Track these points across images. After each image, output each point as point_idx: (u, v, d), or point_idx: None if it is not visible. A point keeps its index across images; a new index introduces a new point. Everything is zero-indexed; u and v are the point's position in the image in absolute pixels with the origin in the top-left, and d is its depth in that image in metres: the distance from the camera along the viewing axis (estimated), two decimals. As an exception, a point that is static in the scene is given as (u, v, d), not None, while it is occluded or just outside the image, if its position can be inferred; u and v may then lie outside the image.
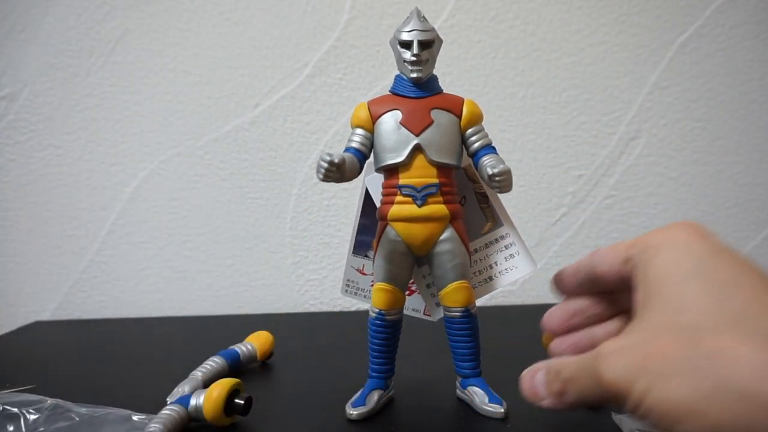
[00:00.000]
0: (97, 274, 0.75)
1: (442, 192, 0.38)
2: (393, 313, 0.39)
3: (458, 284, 0.38)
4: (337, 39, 0.72)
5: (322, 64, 0.73)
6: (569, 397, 0.27)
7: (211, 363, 0.45)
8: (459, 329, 0.39)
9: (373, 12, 0.72)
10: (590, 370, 0.25)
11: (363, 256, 0.43)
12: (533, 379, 0.29)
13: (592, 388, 0.25)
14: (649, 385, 0.23)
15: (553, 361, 0.29)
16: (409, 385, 0.44)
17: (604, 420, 0.37)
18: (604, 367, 0.25)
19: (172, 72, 0.73)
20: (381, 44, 0.72)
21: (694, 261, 0.25)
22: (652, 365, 0.23)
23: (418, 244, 0.38)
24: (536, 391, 0.29)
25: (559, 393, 0.27)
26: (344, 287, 0.44)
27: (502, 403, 0.38)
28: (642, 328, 0.25)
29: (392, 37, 0.39)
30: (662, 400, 0.22)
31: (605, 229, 0.75)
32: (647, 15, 0.74)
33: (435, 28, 0.38)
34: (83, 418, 0.36)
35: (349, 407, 0.39)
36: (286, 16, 0.72)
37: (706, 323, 0.23)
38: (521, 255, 0.41)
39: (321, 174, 0.35)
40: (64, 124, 0.73)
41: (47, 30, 0.71)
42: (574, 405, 0.27)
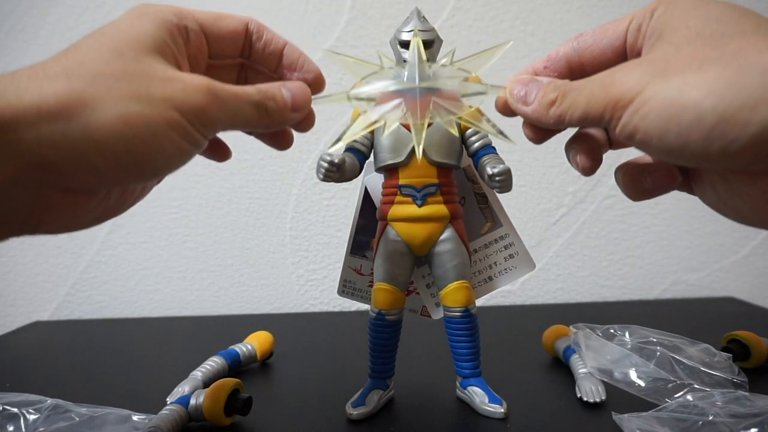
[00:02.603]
0: (97, 274, 0.75)
1: (442, 192, 0.38)
2: (393, 313, 0.39)
3: (458, 284, 0.38)
4: (337, 39, 0.72)
5: (323, 63, 0.72)
6: (562, 108, 0.26)
7: (211, 363, 0.45)
8: (459, 329, 0.39)
9: (373, 12, 0.72)
10: (601, 80, 0.25)
11: (361, 256, 0.43)
12: (527, 83, 0.28)
13: (594, 98, 0.25)
14: (662, 85, 0.22)
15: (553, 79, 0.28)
16: (409, 385, 0.44)
17: (605, 420, 0.37)
18: (619, 75, 0.24)
19: (172, 72, 0.72)
20: (381, 44, 0.72)
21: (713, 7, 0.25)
22: (672, 69, 0.23)
23: (419, 244, 0.38)
24: (525, 95, 0.28)
25: (550, 103, 0.27)
26: (341, 287, 0.44)
27: (501, 403, 0.38)
28: (662, 47, 0.24)
29: (392, 37, 0.39)
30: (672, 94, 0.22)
31: (605, 229, 0.75)
32: (647, 15, 0.73)
33: (435, 28, 0.38)
34: (83, 418, 0.36)
35: (349, 407, 0.39)
36: (286, 16, 0.72)
37: (730, 31, 0.23)
38: (521, 255, 0.41)
39: (321, 174, 0.35)
40: (64, 124, 0.73)
41: (47, 30, 0.71)
42: (560, 118, 0.26)
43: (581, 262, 0.76)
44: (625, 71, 0.24)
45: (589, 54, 0.29)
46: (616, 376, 0.42)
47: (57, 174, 0.23)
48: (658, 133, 0.23)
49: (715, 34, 0.23)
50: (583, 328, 0.47)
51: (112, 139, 0.23)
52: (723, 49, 0.22)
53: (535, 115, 0.28)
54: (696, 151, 0.22)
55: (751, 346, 0.46)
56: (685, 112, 0.22)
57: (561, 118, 0.26)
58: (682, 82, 0.22)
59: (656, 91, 0.23)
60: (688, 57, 0.23)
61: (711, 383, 0.40)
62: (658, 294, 0.77)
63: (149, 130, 0.24)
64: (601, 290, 0.76)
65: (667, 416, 0.35)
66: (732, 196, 0.26)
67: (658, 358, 0.43)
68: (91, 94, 0.23)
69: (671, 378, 0.41)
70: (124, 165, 0.24)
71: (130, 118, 0.23)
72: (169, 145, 0.25)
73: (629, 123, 0.24)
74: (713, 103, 0.21)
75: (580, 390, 0.41)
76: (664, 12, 0.25)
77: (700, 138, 0.22)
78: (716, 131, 0.21)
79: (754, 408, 0.35)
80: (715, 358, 0.43)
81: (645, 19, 0.26)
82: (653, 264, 0.76)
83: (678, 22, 0.25)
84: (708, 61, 0.22)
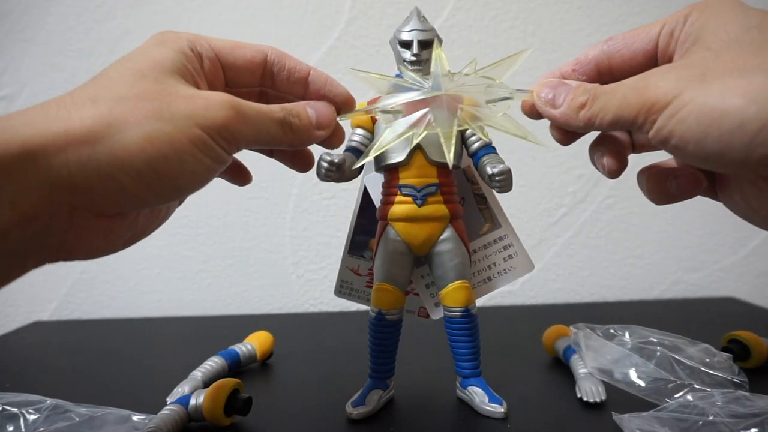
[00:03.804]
0: (97, 274, 0.75)
1: (442, 192, 0.38)
2: (393, 313, 0.39)
3: (458, 284, 0.38)
4: (337, 39, 0.72)
5: (323, 64, 0.73)
6: (592, 111, 0.26)
7: (211, 363, 0.45)
8: (459, 329, 0.39)
9: (373, 12, 0.72)
10: (634, 84, 0.25)
11: (359, 256, 0.43)
12: (555, 86, 0.28)
13: (627, 101, 0.25)
14: (702, 90, 0.22)
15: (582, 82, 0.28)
16: (409, 385, 0.44)
17: (605, 420, 0.37)
18: (654, 78, 0.24)
19: (172, 72, 0.72)
20: (381, 44, 0.72)
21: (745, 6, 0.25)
22: (712, 74, 0.23)
23: (418, 244, 0.38)
24: (554, 98, 0.28)
25: (580, 106, 0.27)
26: (338, 288, 0.44)
27: (501, 402, 0.38)
28: (699, 52, 0.24)
29: (392, 37, 0.39)
30: (714, 100, 0.22)
31: (605, 229, 0.75)
32: (647, 15, 0.73)
33: (435, 27, 0.38)
34: (83, 418, 0.36)
35: (349, 407, 0.39)
36: (286, 16, 0.72)
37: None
38: (520, 256, 0.41)
39: (321, 174, 0.35)
40: (64, 124, 0.73)
41: (47, 30, 0.71)
42: (590, 121, 0.26)
43: (581, 262, 0.76)
44: (660, 75, 0.24)
45: (619, 58, 0.28)
46: (616, 376, 0.42)
47: (87, 197, 0.24)
48: (696, 137, 0.23)
49: (755, 41, 0.23)
50: (583, 328, 0.47)
51: (138, 159, 0.24)
52: (765, 57, 0.22)
53: (563, 118, 0.28)
54: (735, 157, 0.22)
55: (751, 346, 0.46)
56: (726, 117, 0.22)
57: (591, 122, 0.26)
58: (724, 88, 0.22)
59: (695, 96, 0.22)
60: (728, 63, 0.23)
61: (711, 383, 0.40)
62: (658, 294, 0.77)
63: (172, 147, 0.24)
64: (601, 290, 0.76)
65: (667, 416, 0.35)
66: (764, 203, 0.26)
67: (658, 358, 0.43)
68: (116, 116, 0.24)
69: (671, 378, 0.41)
70: (149, 183, 0.24)
71: (153, 137, 0.24)
72: (192, 161, 0.25)
73: (665, 127, 0.24)
74: (757, 110, 0.21)
75: (580, 390, 0.41)
76: (699, 17, 0.25)
77: (741, 144, 0.22)
78: (759, 137, 0.21)
79: (754, 408, 0.35)
80: (715, 358, 0.43)
81: (678, 24, 0.26)
82: (653, 264, 0.76)
83: (715, 28, 0.24)
84: (750, 68, 0.22)
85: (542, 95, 0.29)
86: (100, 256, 0.28)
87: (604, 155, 0.30)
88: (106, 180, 0.24)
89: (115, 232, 0.27)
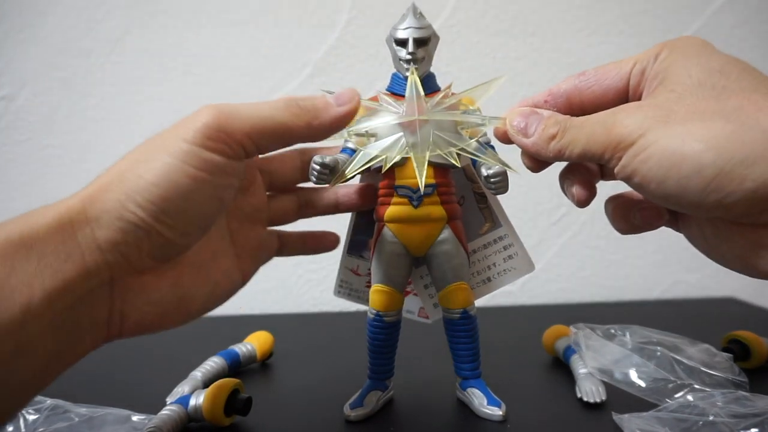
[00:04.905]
0: (97, 274, 0.74)
1: (439, 192, 0.37)
2: (391, 314, 0.39)
3: (457, 285, 0.38)
4: (337, 39, 0.72)
5: (322, 64, 0.73)
6: (562, 143, 0.27)
7: (211, 363, 0.45)
8: (458, 330, 0.39)
9: (373, 12, 0.72)
10: (603, 120, 0.26)
11: (358, 256, 0.43)
12: (528, 116, 0.29)
13: (594, 137, 0.25)
14: (665, 132, 0.23)
15: (559, 114, 0.28)
16: (409, 386, 0.44)
17: (605, 420, 0.37)
18: (621, 116, 0.25)
19: (172, 72, 0.72)
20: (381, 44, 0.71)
21: (713, 49, 0.26)
22: (674, 117, 0.23)
23: (416, 245, 0.38)
24: (525, 127, 0.29)
25: (550, 137, 0.27)
26: (337, 288, 0.43)
27: (500, 405, 0.38)
28: (664, 94, 0.25)
29: (388, 35, 0.38)
30: (675, 143, 0.23)
31: (605, 229, 0.75)
32: (647, 15, 0.73)
33: (432, 25, 0.38)
34: (82, 419, 0.36)
35: (347, 408, 0.39)
36: (286, 16, 0.72)
37: (731, 85, 0.24)
38: (520, 256, 0.41)
39: (314, 177, 0.35)
40: (63, 124, 0.73)
41: (47, 30, 0.71)
42: (560, 153, 0.27)
43: (581, 262, 0.76)
44: (627, 113, 0.25)
45: (590, 93, 0.29)
46: (616, 376, 0.42)
47: (112, 248, 0.25)
48: (657, 178, 0.24)
49: (717, 86, 0.24)
50: (584, 328, 0.47)
51: (142, 190, 0.25)
52: (725, 103, 0.23)
53: (534, 147, 0.28)
54: (693, 200, 0.23)
55: (751, 346, 0.46)
56: (685, 162, 0.22)
57: (561, 153, 0.27)
58: (685, 132, 0.23)
59: (658, 137, 0.23)
60: (690, 107, 0.23)
61: (711, 383, 0.40)
62: (659, 294, 0.77)
63: (165, 170, 0.25)
64: (601, 290, 0.76)
65: (667, 416, 0.35)
66: (719, 241, 0.27)
67: (659, 358, 0.43)
68: (122, 167, 0.26)
69: (671, 378, 0.41)
70: (157, 214, 0.25)
71: (152, 167, 0.25)
72: (186, 180, 0.25)
73: (628, 165, 0.24)
74: (713, 157, 0.22)
75: (580, 390, 0.41)
76: (668, 57, 0.26)
77: (697, 188, 0.23)
78: (714, 183, 0.22)
79: (755, 408, 0.35)
80: (715, 358, 0.43)
81: (649, 63, 0.27)
82: (653, 264, 0.76)
83: (681, 70, 0.25)
84: (710, 113, 0.23)
85: (514, 124, 0.29)
86: (153, 327, 0.29)
87: (573, 184, 0.31)
88: (118, 222, 0.25)
89: (157, 292, 0.28)
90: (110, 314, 0.26)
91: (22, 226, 0.24)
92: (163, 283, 0.29)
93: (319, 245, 0.38)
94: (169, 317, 0.29)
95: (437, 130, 0.33)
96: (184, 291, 0.30)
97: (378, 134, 0.34)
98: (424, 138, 0.33)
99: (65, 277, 0.23)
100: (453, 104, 0.34)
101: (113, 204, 0.25)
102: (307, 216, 0.39)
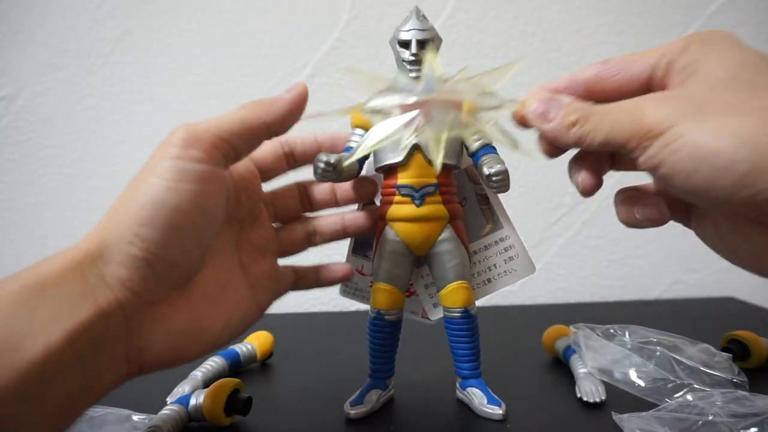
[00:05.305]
0: (97, 274, 0.74)
1: (440, 192, 0.37)
2: (392, 313, 0.39)
3: (458, 284, 0.38)
4: (337, 39, 0.72)
5: (322, 64, 0.73)
6: (583, 130, 0.26)
7: (211, 363, 0.45)
8: (458, 330, 0.39)
9: (373, 12, 0.72)
10: (629, 108, 0.25)
11: (362, 256, 0.43)
12: (548, 101, 0.28)
13: (619, 125, 0.25)
14: (697, 124, 0.23)
15: (579, 100, 0.28)
16: (410, 385, 0.44)
17: (605, 420, 0.37)
18: (649, 106, 0.24)
19: (172, 72, 0.72)
20: (381, 44, 0.71)
21: (743, 44, 0.25)
22: (707, 110, 0.23)
23: (417, 244, 0.38)
24: (545, 112, 0.28)
25: (571, 123, 0.27)
26: (342, 288, 0.44)
27: (500, 404, 0.38)
28: (695, 86, 0.25)
29: (391, 37, 0.39)
30: (707, 136, 0.22)
31: (605, 229, 0.75)
32: (647, 15, 0.73)
33: (434, 27, 0.38)
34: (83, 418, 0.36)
35: (348, 406, 0.39)
36: (286, 16, 0.72)
37: (764, 80, 0.23)
38: (521, 258, 0.41)
39: (318, 174, 0.36)
40: (64, 124, 0.73)
41: (47, 30, 0.71)
42: (580, 140, 0.26)
43: (581, 262, 0.76)
44: (656, 103, 0.24)
45: (613, 82, 0.28)
46: (616, 376, 0.42)
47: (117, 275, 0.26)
48: (687, 171, 0.23)
49: (752, 81, 0.23)
50: (583, 328, 0.47)
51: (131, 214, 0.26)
52: (760, 99, 0.22)
53: (554, 133, 0.28)
54: (721, 194, 0.23)
55: (751, 346, 0.46)
56: (718, 155, 0.22)
57: (581, 140, 0.26)
58: (718, 126, 0.22)
59: (690, 129, 0.23)
60: (723, 101, 0.23)
61: (711, 383, 0.40)
62: (658, 294, 0.77)
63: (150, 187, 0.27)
64: (601, 290, 0.76)
65: (667, 416, 0.35)
66: (735, 238, 0.26)
67: (658, 358, 0.43)
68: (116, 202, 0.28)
69: (671, 378, 0.41)
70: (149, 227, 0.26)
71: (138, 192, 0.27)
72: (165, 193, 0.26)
73: (656, 155, 0.24)
74: (748, 152, 0.21)
75: (580, 390, 0.41)
76: (699, 50, 0.25)
77: (728, 183, 0.22)
78: (746, 179, 0.22)
79: (754, 408, 0.35)
80: (715, 358, 0.43)
81: (677, 55, 0.26)
82: (653, 264, 0.76)
83: (714, 63, 0.25)
84: (745, 108, 0.22)
85: (533, 108, 0.29)
86: (172, 360, 0.29)
87: (581, 170, 0.30)
88: (119, 256, 0.26)
89: (172, 323, 0.29)
90: (128, 350, 0.27)
91: (38, 272, 0.25)
92: (177, 315, 0.29)
93: (333, 277, 0.39)
94: (186, 349, 0.30)
95: (453, 112, 0.33)
96: (199, 322, 0.30)
97: (392, 113, 0.33)
98: (440, 119, 0.32)
99: (81, 319, 0.24)
100: (468, 87, 0.33)
101: (113, 239, 0.26)
102: (317, 243, 0.39)
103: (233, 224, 0.34)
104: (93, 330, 0.25)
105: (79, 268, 0.25)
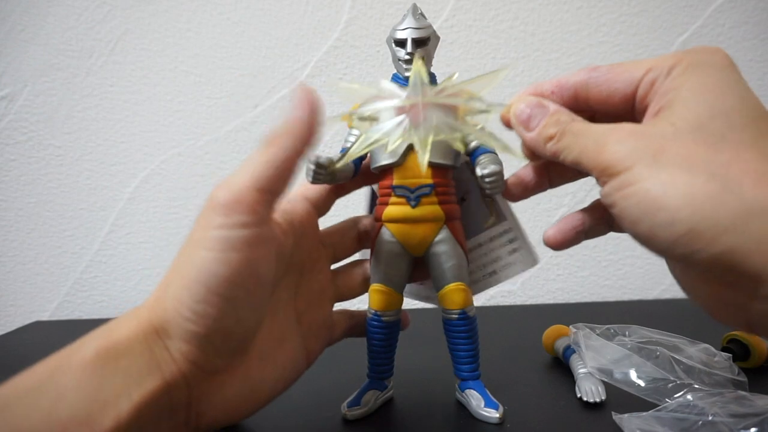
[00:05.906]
0: (97, 274, 0.75)
1: (436, 192, 0.37)
2: (389, 314, 0.39)
3: (455, 286, 0.38)
4: (337, 39, 0.72)
5: (322, 64, 0.73)
6: (558, 147, 0.27)
7: (211, 363, 0.45)
8: (457, 331, 0.39)
9: (373, 12, 0.72)
10: (596, 137, 0.25)
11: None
12: (534, 106, 0.28)
13: (585, 154, 0.26)
14: (650, 173, 0.23)
15: (565, 110, 0.28)
16: (409, 386, 0.44)
17: (605, 420, 0.37)
18: (613, 139, 0.25)
19: (172, 72, 0.73)
20: (381, 44, 0.72)
21: (732, 78, 0.25)
22: (664, 156, 0.23)
23: (413, 245, 0.38)
24: (528, 119, 0.28)
25: (549, 137, 0.27)
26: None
27: (498, 407, 0.38)
28: (662, 125, 0.25)
29: (388, 36, 0.38)
30: (656, 189, 0.23)
31: (605, 229, 0.75)
32: (647, 15, 0.73)
33: (432, 25, 0.38)
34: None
35: (345, 407, 0.39)
36: (286, 16, 0.72)
37: (729, 135, 0.23)
38: (524, 250, 0.41)
39: (310, 177, 0.35)
40: (64, 124, 0.73)
41: (47, 30, 0.71)
42: (555, 155, 0.27)
43: (581, 261, 0.76)
44: (619, 137, 0.25)
45: (597, 92, 0.28)
46: (616, 376, 0.42)
47: (179, 345, 0.26)
48: (632, 218, 0.24)
49: (718, 135, 0.23)
50: (583, 328, 0.47)
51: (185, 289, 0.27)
52: (717, 155, 0.22)
53: (533, 143, 0.28)
54: (659, 247, 0.24)
55: (751, 346, 0.46)
56: (661, 212, 0.23)
57: (556, 155, 0.27)
58: (669, 180, 0.23)
59: (643, 177, 0.23)
60: (683, 150, 0.23)
61: (711, 383, 0.40)
62: (658, 294, 0.77)
63: (200, 261, 0.27)
64: (601, 290, 0.76)
65: (667, 416, 0.35)
66: (685, 280, 0.27)
67: (658, 357, 0.43)
68: (169, 273, 0.29)
69: (671, 378, 0.41)
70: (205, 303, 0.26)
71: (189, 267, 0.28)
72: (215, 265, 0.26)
73: (610, 195, 0.25)
74: (689, 214, 0.22)
75: (580, 390, 0.41)
76: (681, 77, 0.25)
77: (667, 240, 0.23)
78: (683, 240, 0.22)
79: (754, 408, 0.35)
80: (715, 358, 0.43)
81: (661, 76, 0.26)
82: (653, 264, 0.76)
83: (690, 101, 0.24)
84: (699, 166, 0.22)
85: (518, 113, 0.29)
86: (225, 421, 0.30)
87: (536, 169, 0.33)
88: (180, 331, 0.26)
89: (230, 389, 0.29)
90: (187, 416, 0.27)
91: (106, 341, 0.25)
92: (235, 379, 0.29)
93: None
94: (240, 411, 0.30)
95: (440, 116, 0.33)
96: (254, 382, 0.31)
97: (380, 118, 0.33)
98: (427, 122, 0.32)
99: (149, 391, 0.25)
100: (456, 92, 0.34)
101: (171, 315, 0.26)
102: None
103: (293, 272, 0.34)
104: (159, 401, 0.25)
105: (144, 340, 0.26)
